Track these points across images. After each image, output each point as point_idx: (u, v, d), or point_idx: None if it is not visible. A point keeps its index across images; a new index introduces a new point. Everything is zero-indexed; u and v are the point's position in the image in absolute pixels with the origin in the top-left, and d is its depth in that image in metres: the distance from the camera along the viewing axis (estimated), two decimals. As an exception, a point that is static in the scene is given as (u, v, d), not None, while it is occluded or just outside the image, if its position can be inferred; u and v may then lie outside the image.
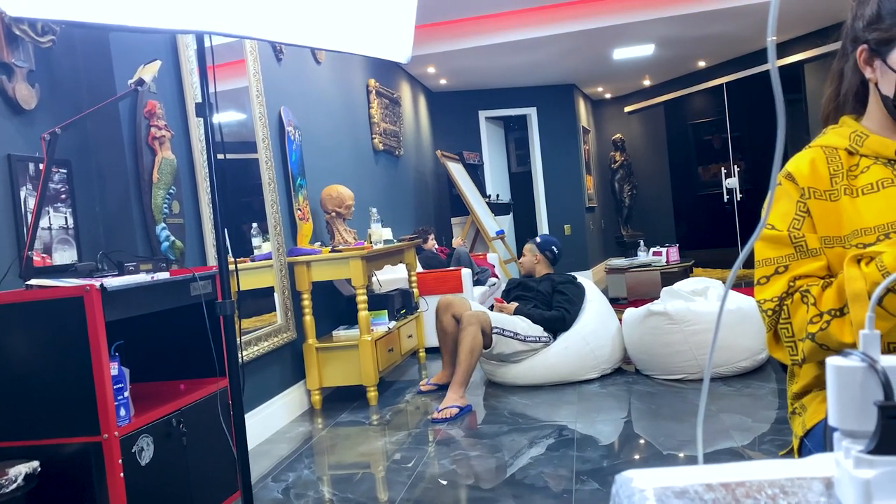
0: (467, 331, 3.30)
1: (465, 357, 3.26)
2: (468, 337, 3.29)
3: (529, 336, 3.49)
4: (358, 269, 3.37)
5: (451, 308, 3.45)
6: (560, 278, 3.64)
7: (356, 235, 3.90)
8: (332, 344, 3.50)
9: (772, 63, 0.55)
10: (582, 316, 3.59)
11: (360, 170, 4.79)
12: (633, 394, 3.27)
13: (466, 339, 3.28)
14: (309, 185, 3.77)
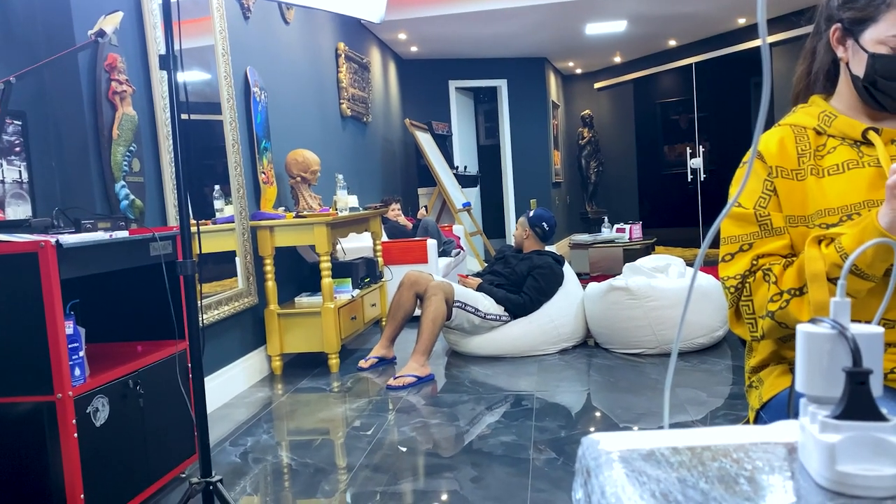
0: (431, 300, 3.31)
1: (428, 326, 3.27)
2: (432, 306, 3.29)
3: (489, 314, 3.52)
4: (322, 236, 3.35)
5: (416, 286, 3.44)
6: (539, 261, 3.64)
7: (321, 202, 3.86)
8: (294, 310, 3.48)
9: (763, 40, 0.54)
10: (553, 297, 3.64)
11: (326, 135, 4.72)
12: (592, 367, 3.32)
13: (430, 307, 3.29)
14: (274, 148, 3.70)
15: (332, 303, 3.41)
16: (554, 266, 3.65)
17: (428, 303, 3.30)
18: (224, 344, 3.13)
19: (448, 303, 3.37)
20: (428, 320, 3.27)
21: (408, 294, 3.45)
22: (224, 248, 3.19)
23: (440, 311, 3.30)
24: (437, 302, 3.30)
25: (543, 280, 3.59)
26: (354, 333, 3.71)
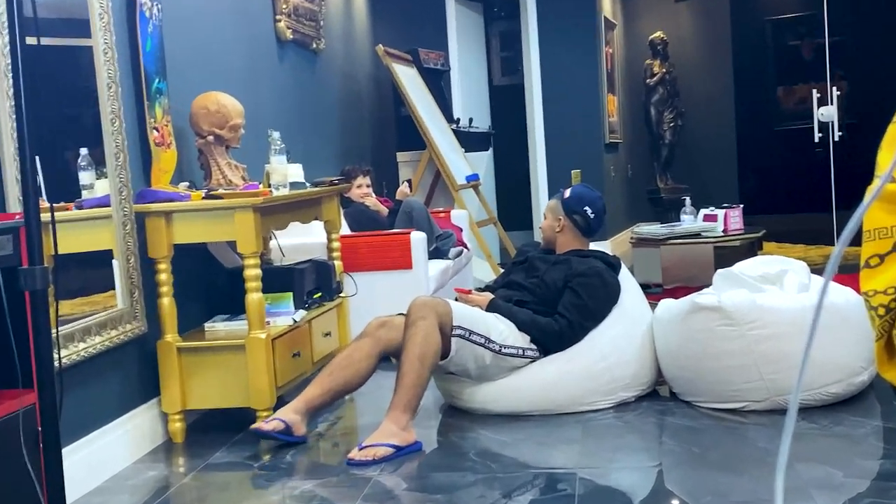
0: (417, 328, 3.31)
1: (413, 367, 3.27)
2: (418, 336, 3.29)
3: (507, 347, 3.51)
4: (248, 227, 3.35)
5: (386, 338, 3.43)
6: (582, 266, 3.64)
7: (246, 174, 3.86)
8: (203, 343, 3.47)
9: None
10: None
11: (254, 70, 4.72)
12: (666, 430, 3.32)
13: (415, 339, 3.29)
14: (173, 91, 3.71)
15: (262, 331, 3.41)
16: (605, 274, 3.66)
17: (412, 331, 3.30)
18: (95, 395, 3.12)
19: (443, 331, 3.38)
20: (412, 359, 3.27)
21: (368, 348, 3.43)
22: (95, 247, 3.18)
23: (431, 343, 3.30)
24: (426, 330, 3.30)
25: (589, 295, 3.59)
26: (298, 379, 3.72)
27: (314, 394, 3.37)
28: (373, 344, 3.44)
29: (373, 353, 3.42)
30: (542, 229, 3.92)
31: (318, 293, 4.04)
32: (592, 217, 3.79)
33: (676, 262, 5.87)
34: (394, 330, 3.44)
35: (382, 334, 3.45)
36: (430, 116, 6.70)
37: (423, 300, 3.41)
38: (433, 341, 3.31)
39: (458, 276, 5.56)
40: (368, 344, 3.44)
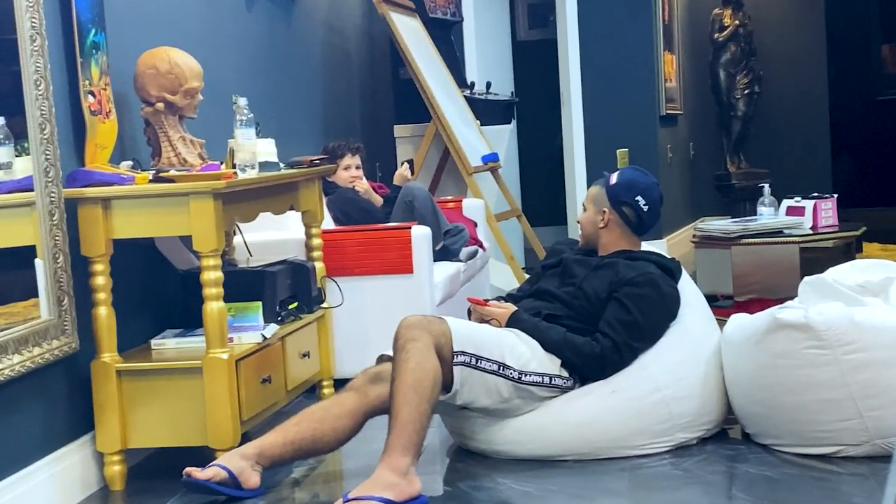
0: (406, 351, 3.28)
1: (407, 398, 3.23)
2: (410, 360, 3.26)
3: (529, 373, 3.50)
4: (206, 218, 3.36)
5: (380, 388, 3.41)
6: (633, 271, 3.60)
7: (205, 151, 3.86)
8: (150, 365, 3.48)
9: None
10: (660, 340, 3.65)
11: (216, 22, 4.72)
12: (737, 480, 3.31)
13: (406, 364, 3.25)
14: (113, 45, 3.71)
15: (223, 350, 3.43)
16: (660, 282, 3.65)
17: (401, 357, 3.27)
18: (12, 431, 3.12)
19: (443, 357, 3.36)
20: (404, 389, 3.22)
21: (351, 404, 3.36)
22: (12, 242, 3.18)
23: (426, 370, 3.25)
24: (419, 354, 3.27)
25: (640, 309, 3.58)
26: (269, 411, 3.72)
27: (272, 441, 3.34)
28: (358, 401, 3.40)
29: (357, 411, 3.38)
30: (580, 224, 3.90)
31: (294, 303, 4.04)
32: (646, 209, 3.77)
33: (751, 267, 5.84)
34: (383, 378, 3.42)
35: (373, 391, 3.40)
36: (437, 80, 6.69)
37: (412, 320, 3.37)
38: (429, 367, 3.27)
39: (471, 283, 5.56)
40: (353, 400, 3.40)
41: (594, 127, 8.08)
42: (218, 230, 3.39)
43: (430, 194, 5.47)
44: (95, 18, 3.59)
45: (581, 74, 8.08)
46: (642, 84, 8.14)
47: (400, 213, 5.23)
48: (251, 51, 5.11)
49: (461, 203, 6.09)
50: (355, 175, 5.40)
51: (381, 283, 4.65)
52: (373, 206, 5.33)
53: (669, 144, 8.66)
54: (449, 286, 4.96)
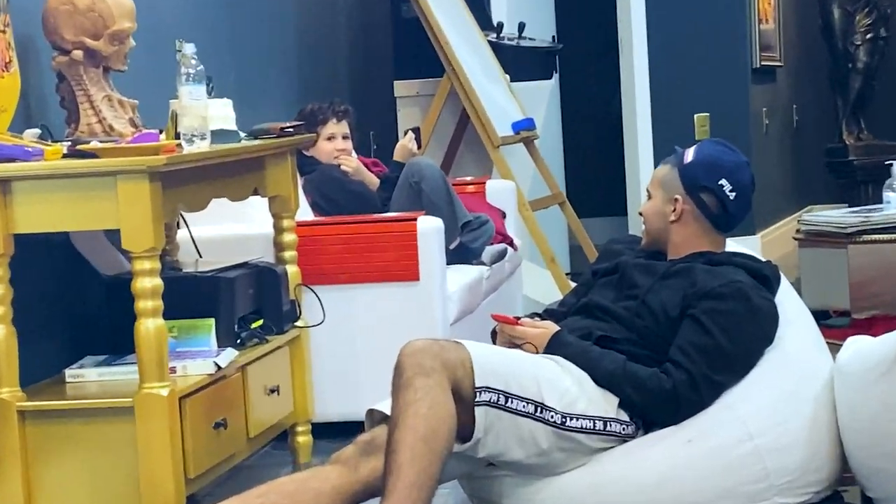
0: (415, 389, 3.25)
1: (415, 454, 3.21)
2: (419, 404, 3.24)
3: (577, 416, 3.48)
4: (140, 206, 3.36)
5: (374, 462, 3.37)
6: (715, 280, 3.57)
7: (138, 116, 3.86)
8: (64, 403, 3.49)
9: None
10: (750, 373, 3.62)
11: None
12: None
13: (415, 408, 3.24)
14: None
15: (163, 384, 3.42)
16: (752, 294, 3.62)
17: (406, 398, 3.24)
18: None
19: (460, 394, 3.34)
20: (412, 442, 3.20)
21: (336, 478, 3.29)
22: None
23: (440, 416, 3.24)
24: (431, 395, 3.24)
25: (724, 330, 3.55)
26: (224, 465, 3.74)
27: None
28: (346, 476, 3.33)
29: (343, 490, 3.31)
30: (643, 216, 3.89)
31: (259, 320, 4.04)
32: (732, 196, 3.75)
33: (875, 272, 5.81)
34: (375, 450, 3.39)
35: (366, 466, 3.32)
36: (453, 20, 6.69)
37: (418, 346, 3.34)
38: (444, 412, 3.25)
39: (497, 294, 5.56)
40: (338, 475, 3.33)
41: (663, 84, 8.08)
42: (156, 223, 3.37)
43: (442, 174, 5.46)
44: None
45: (646, 13, 8.08)
46: (728, 26, 8.15)
47: (403, 198, 5.23)
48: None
49: (484, 186, 6.09)
50: (342, 148, 5.40)
51: (376, 294, 4.67)
52: (365, 190, 5.33)
53: (765, 108, 8.65)
54: (468, 298, 4.96)
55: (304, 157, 5.16)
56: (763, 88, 8.61)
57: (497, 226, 5.61)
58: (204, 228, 4.32)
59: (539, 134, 7.10)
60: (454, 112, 6.74)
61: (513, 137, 6.63)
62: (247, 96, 4.90)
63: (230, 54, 5.25)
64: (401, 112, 7.05)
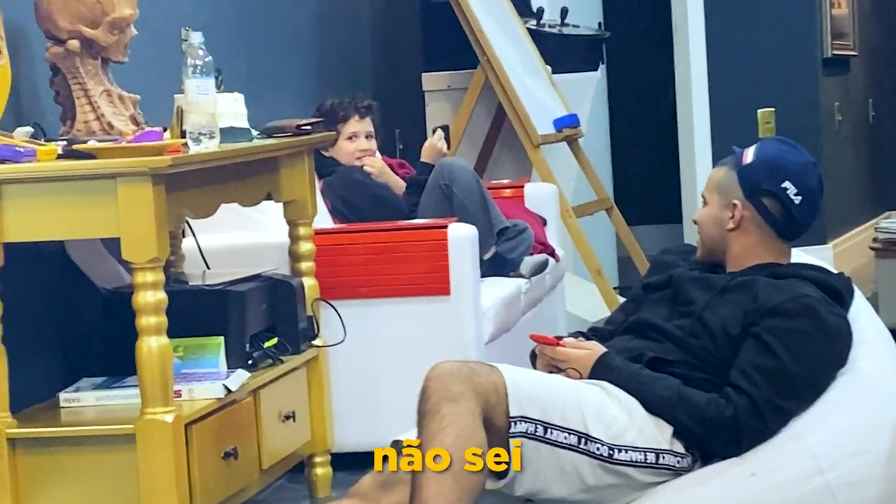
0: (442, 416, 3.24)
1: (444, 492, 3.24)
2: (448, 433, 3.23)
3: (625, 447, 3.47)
4: (142, 213, 3.36)
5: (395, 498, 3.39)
6: (779, 295, 3.55)
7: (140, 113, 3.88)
8: (58, 430, 3.49)
9: None
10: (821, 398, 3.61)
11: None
12: None
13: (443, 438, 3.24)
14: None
15: (167, 409, 3.42)
16: (821, 309, 3.60)
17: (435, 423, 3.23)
18: None
19: (493, 423, 3.34)
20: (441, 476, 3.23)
21: None
22: None
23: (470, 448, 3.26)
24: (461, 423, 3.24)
25: (791, 350, 3.54)
26: (235, 499, 3.74)
27: None
28: None
29: None
30: (698, 224, 3.87)
31: (273, 339, 4.05)
32: (798, 201, 3.73)
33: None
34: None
35: (387, 500, 3.37)
36: (489, 7, 6.70)
37: (446, 368, 3.33)
38: (473, 444, 3.24)
39: (538, 311, 5.56)
40: None
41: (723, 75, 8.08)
42: (159, 230, 3.37)
43: (476, 176, 5.46)
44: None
45: None
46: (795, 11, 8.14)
47: (432, 203, 5.23)
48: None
49: (523, 190, 6.09)
50: (365, 148, 5.41)
51: (402, 310, 4.68)
52: (390, 193, 5.34)
53: (837, 102, 8.64)
54: (504, 315, 4.96)
55: (323, 158, 5.18)
56: (835, 80, 8.59)
57: (537, 234, 5.60)
58: (212, 237, 4.34)
59: (584, 132, 7.10)
60: (489, 108, 6.75)
61: (554, 136, 6.63)
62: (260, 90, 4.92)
63: (241, 44, 5.26)
64: (429, 107, 7.05)
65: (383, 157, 5.53)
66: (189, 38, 3.76)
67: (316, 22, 6.20)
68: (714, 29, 8.03)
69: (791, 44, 8.07)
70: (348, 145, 5.35)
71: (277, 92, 5.52)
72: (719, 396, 3.52)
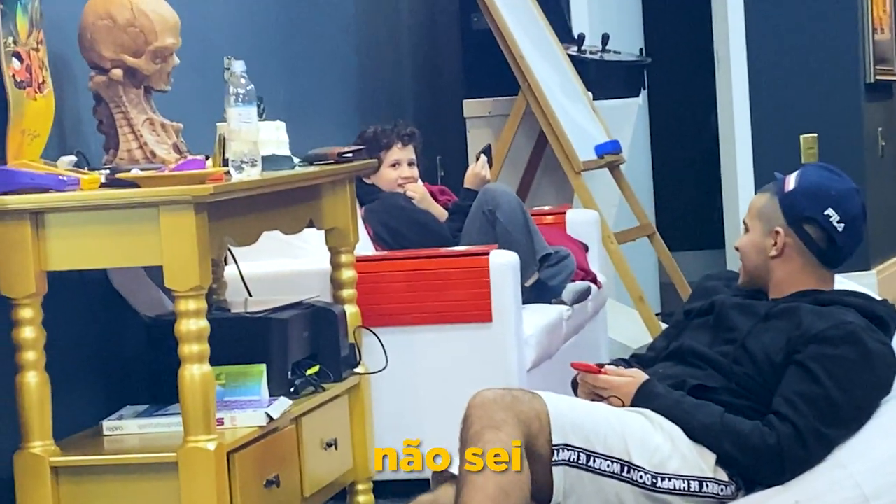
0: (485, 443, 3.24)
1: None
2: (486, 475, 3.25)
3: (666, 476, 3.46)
4: (184, 241, 3.36)
5: None
6: (823, 322, 3.51)
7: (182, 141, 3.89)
8: (101, 458, 3.48)
9: None
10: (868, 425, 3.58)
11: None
12: None
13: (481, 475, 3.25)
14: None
15: (210, 437, 3.42)
16: (865, 336, 3.57)
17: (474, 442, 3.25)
18: None
19: (535, 451, 3.34)
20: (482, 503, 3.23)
21: None
22: None
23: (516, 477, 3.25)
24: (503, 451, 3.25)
25: (834, 377, 3.51)
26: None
27: None
28: None
29: None
30: (740, 251, 3.85)
31: (315, 366, 4.05)
32: (841, 228, 3.70)
33: None
34: None
35: None
36: (530, 33, 6.70)
37: (489, 396, 3.33)
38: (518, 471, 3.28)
39: (580, 338, 5.54)
40: None
41: (765, 101, 8.05)
42: (201, 258, 3.37)
43: (520, 202, 5.45)
44: (23, -55, 3.61)
45: (745, 21, 8.06)
46: (838, 35, 8.10)
47: (475, 229, 5.22)
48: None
49: (564, 216, 6.08)
50: (407, 175, 5.40)
51: (444, 337, 4.67)
52: (433, 220, 5.33)
53: (881, 128, 8.59)
54: (546, 342, 4.95)
55: (365, 185, 5.18)
56: (878, 106, 8.55)
57: (579, 260, 5.59)
58: (254, 264, 4.34)
59: (625, 158, 7.08)
60: (530, 134, 6.74)
61: (596, 162, 6.62)
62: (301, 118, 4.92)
63: (283, 72, 5.27)
64: (471, 134, 7.05)
65: (425, 184, 5.52)
66: (231, 66, 3.76)
67: (357, 49, 6.21)
68: (756, 54, 8.01)
69: (834, 69, 8.05)
70: (391, 173, 5.35)
71: (319, 119, 5.53)
72: (763, 424, 3.50)
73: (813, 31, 7.98)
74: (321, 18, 5.81)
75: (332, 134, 5.41)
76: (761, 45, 7.98)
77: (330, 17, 5.93)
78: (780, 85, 7.96)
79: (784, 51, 7.97)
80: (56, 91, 3.71)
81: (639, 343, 6.25)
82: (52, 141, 3.70)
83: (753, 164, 7.99)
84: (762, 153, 7.92)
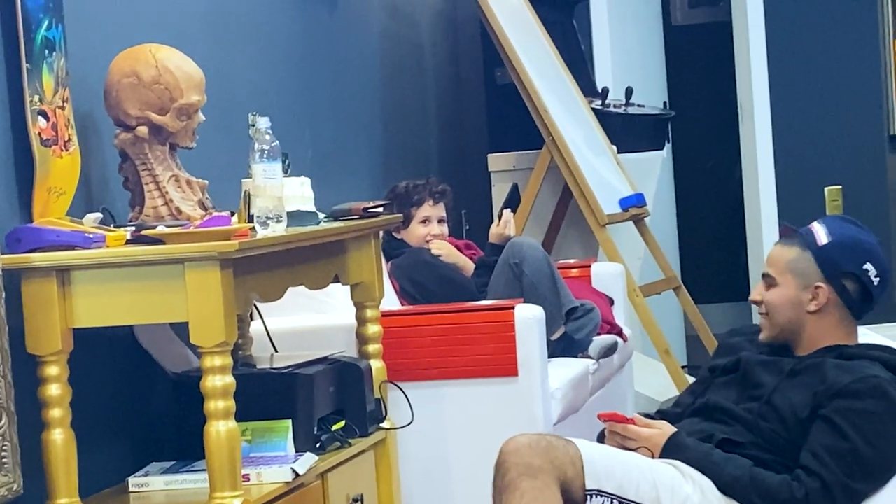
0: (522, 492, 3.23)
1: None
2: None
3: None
4: (210, 297, 3.36)
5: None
6: (848, 376, 3.49)
7: (208, 197, 3.89)
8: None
9: None
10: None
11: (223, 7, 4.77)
12: None
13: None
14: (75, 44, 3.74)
15: (236, 494, 3.40)
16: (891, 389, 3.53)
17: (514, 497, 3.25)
18: None
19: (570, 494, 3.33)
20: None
21: None
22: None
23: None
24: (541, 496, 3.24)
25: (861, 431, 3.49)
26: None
27: None
28: None
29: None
30: (769, 306, 3.81)
31: (341, 422, 4.04)
32: (877, 282, 3.69)
33: None
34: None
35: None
36: (553, 87, 6.70)
37: (523, 441, 3.34)
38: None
39: (605, 391, 5.52)
40: None
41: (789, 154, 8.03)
42: (227, 314, 3.36)
43: (547, 255, 5.44)
44: (49, 4, 3.61)
45: (769, 75, 8.06)
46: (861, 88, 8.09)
47: (501, 282, 5.21)
48: (276, 48, 5.16)
49: (590, 269, 6.07)
50: (437, 233, 5.40)
51: (470, 392, 4.66)
52: (459, 275, 5.32)
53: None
54: (572, 395, 4.93)
55: (394, 240, 5.18)
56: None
57: (604, 314, 5.58)
58: (279, 320, 4.34)
59: (650, 211, 7.08)
60: (555, 188, 6.74)
61: (621, 215, 6.61)
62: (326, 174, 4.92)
63: (308, 128, 5.27)
64: (496, 188, 7.05)
65: (450, 238, 5.51)
66: (256, 122, 3.76)
67: (381, 104, 6.22)
68: (779, 107, 8.00)
69: (857, 121, 8.03)
70: (420, 229, 5.34)
71: (344, 175, 5.54)
72: (790, 478, 3.49)
73: (836, 84, 7.97)
74: (346, 74, 5.83)
75: (358, 189, 5.42)
76: (785, 98, 7.98)
77: (355, 73, 5.94)
78: (804, 138, 7.95)
79: (807, 103, 7.96)
80: (82, 148, 3.72)
81: (665, 396, 6.23)
82: (78, 198, 3.71)
83: (778, 217, 7.97)
84: (786, 206, 7.91)
